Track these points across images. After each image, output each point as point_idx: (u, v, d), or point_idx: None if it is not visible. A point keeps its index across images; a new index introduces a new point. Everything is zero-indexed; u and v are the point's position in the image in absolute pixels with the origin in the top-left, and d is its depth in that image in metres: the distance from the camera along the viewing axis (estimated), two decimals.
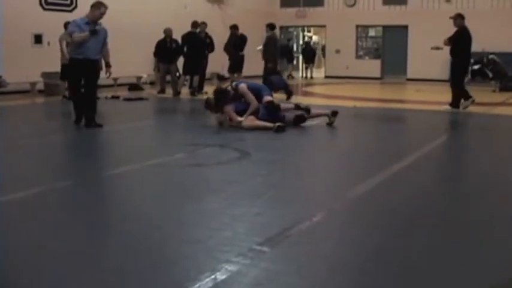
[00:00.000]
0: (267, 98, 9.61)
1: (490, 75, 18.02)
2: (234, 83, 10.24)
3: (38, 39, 16.07)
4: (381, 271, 3.58)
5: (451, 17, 12.72)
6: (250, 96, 9.48)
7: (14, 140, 8.45)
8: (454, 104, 12.61)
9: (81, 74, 9.60)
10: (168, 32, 16.23)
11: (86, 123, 9.60)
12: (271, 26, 15.85)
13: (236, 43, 16.46)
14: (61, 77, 14.29)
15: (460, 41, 12.38)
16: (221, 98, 9.58)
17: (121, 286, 3.28)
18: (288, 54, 26.20)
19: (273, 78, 14.46)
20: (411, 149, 7.94)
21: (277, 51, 15.85)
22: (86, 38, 9.33)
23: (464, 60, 12.77)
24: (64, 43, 13.52)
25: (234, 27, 16.70)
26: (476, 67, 17.99)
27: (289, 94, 14.84)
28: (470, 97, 12.52)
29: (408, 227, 4.49)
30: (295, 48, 29.00)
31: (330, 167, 6.97)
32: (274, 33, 16.03)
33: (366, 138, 9.43)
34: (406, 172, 6.55)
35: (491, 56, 18.34)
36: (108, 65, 10.06)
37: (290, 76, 26.57)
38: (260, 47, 16.09)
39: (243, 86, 9.60)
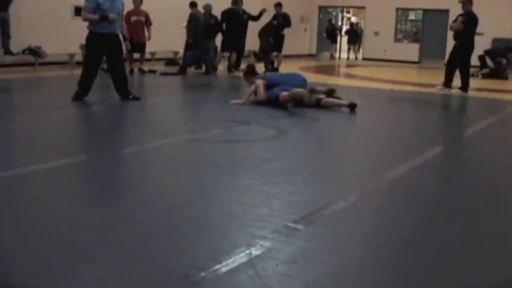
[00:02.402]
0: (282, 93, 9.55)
1: (491, 64, 17.66)
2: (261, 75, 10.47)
3: (78, 11, 16.12)
4: (415, 254, 3.56)
5: (460, 1, 12.91)
6: (260, 90, 9.58)
7: (48, 111, 8.52)
8: (464, 86, 12.84)
9: (105, 48, 9.47)
10: (207, 8, 16.18)
11: (123, 97, 9.64)
12: (192, 4, 15.47)
13: (279, 23, 16.30)
14: None
15: (469, 26, 12.63)
16: (251, 70, 10.25)
17: (155, 259, 3.31)
18: (332, 35, 26.53)
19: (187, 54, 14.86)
20: (448, 133, 7.86)
21: (200, 28, 15.39)
22: (94, 20, 9.21)
23: (471, 45, 12.93)
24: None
25: (278, 5, 16.47)
26: (480, 53, 17.68)
27: (206, 70, 15.22)
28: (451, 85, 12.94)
29: (444, 211, 4.45)
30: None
31: (366, 149, 6.93)
32: (197, 11, 15.54)
33: (403, 122, 9.34)
34: (442, 156, 6.50)
35: None
36: (125, 38, 10.11)
37: (332, 57, 26.58)
38: (184, 24, 15.78)
39: (259, 82, 9.67)
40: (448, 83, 13.10)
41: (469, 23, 12.65)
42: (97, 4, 9.14)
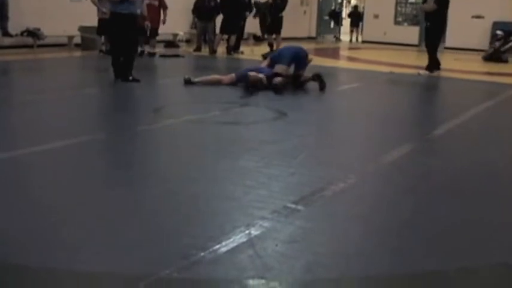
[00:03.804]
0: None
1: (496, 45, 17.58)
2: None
3: None
4: (414, 235, 3.57)
5: None
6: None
7: (51, 92, 8.53)
8: (431, 67, 12.94)
9: (125, 29, 9.60)
10: None
11: (123, 78, 9.69)
12: None
13: (277, 4, 16.25)
14: (98, 31, 14.35)
15: (441, 6, 12.60)
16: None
17: (155, 239, 3.33)
18: (336, 17, 27.17)
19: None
20: (447, 116, 7.85)
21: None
22: (115, 2, 9.45)
23: (443, 25, 13.19)
24: None
25: None
26: (500, 32, 17.60)
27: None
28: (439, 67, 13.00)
29: (443, 193, 4.46)
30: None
31: (365, 131, 6.92)
32: None
33: (402, 104, 9.33)
34: (441, 139, 6.50)
35: None
36: (145, 19, 10.45)
37: (336, 38, 26.67)
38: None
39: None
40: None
41: (441, 4, 12.63)
42: None
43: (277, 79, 9.19)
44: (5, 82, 10.15)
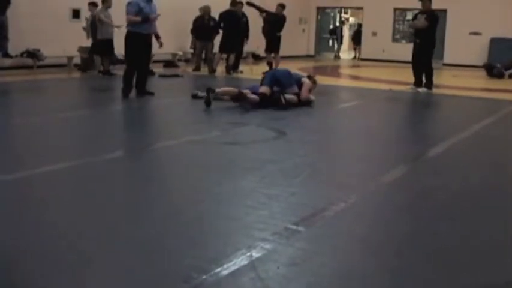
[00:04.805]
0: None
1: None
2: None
3: (75, 14, 16.17)
4: (414, 255, 3.57)
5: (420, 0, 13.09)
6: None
7: (48, 114, 8.53)
8: (429, 84, 13.05)
9: (144, 47, 10.42)
10: (206, 10, 16.23)
11: (141, 92, 10.48)
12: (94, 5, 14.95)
13: (276, 22, 16.20)
14: (95, 51, 14.43)
15: (432, 23, 12.80)
16: None
17: (156, 261, 3.32)
18: (337, 36, 27.47)
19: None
20: (447, 134, 7.86)
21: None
22: (137, 22, 10.12)
23: (434, 42, 13.13)
24: (99, 21, 13.79)
25: (281, 6, 16.27)
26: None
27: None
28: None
29: (443, 212, 4.47)
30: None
31: (365, 150, 6.93)
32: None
33: (401, 122, 9.37)
34: (440, 157, 6.50)
35: None
36: (158, 37, 11.00)
37: (336, 56, 26.82)
38: (84, 25, 15.38)
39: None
40: (419, 83, 13.16)
41: (432, 21, 12.79)
42: (139, 8, 10.13)
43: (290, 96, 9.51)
44: (6, 103, 10.16)
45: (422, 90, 12.94)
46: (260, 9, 16.28)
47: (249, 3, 16.42)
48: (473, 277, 3.29)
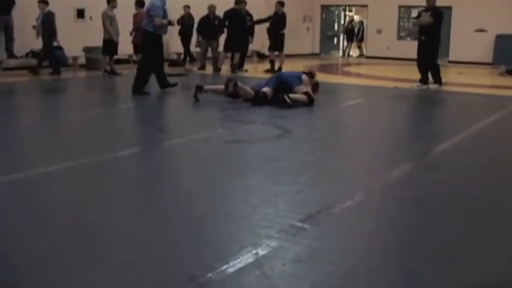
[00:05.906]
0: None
1: None
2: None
3: (80, 13, 16.20)
4: (422, 253, 3.55)
5: None
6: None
7: (55, 113, 8.56)
8: (438, 80, 13.05)
9: (162, 48, 11.12)
10: (211, 9, 16.21)
11: (163, 86, 11.25)
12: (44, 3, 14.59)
13: (277, 21, 16.21)
14: (103, 52, 14.45)
15: (437, 20, 12.79)
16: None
17: (162, 259, 3.32)
18: (351, 34, 27.10)
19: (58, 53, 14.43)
20: (453, 131, 7.83)
21: (54, 28, 14.68)
22: (163, 25, 10.85)
23: (439, 39, 13.07)
24: (108, 21, 13.80)
25: (280, 4, 16.28)
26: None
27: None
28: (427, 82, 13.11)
29: (448, 209, 4.45)
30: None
31: (371, 147, 6.91)
32: (50, 11, 14.85)
33: (407, 119, 9.34)
34: (447, 154, 6.48)
35: None
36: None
37: (348, 54, 26.77)
38: (35, 24, 15.08)
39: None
40: (425, 80, 13.15)
41: (437, 17, 12.78)
42: (163, 11, 10.83)
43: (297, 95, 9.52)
44: (13, 104, 10.19)
45: (433, 86, 12.93)
46: (266, 20, 16.36)
47: (258, 22, 16.55)
48: (478, 275, 3.27)
